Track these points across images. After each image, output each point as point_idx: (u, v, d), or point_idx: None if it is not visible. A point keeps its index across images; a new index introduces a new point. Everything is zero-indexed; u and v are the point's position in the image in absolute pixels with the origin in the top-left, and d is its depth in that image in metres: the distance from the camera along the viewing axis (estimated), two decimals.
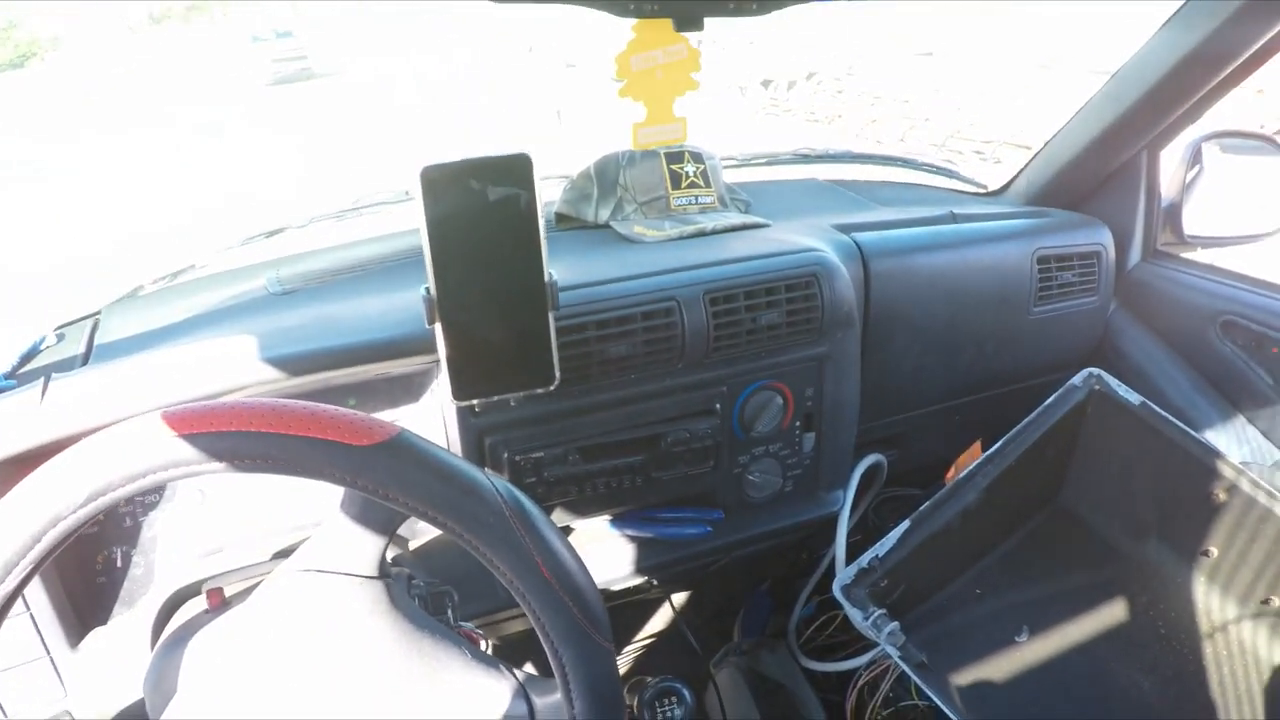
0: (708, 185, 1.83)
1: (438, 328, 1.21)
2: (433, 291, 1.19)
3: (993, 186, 2.33)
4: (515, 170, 1.16)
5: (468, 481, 0.88)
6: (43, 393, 1.30)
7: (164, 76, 31.58)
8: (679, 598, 2.34)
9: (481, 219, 1.17)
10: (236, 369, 1.34)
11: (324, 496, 1.46)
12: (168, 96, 27.32)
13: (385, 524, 1.00)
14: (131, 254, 8.91)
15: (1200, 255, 2.13)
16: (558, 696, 0.95)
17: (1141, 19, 1.83)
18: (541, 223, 1.19)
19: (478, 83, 21.64)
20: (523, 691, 1.01)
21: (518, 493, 0.91)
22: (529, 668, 1.05)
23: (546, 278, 1.22)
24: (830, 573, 1.79)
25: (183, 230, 9.93)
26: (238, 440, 0.81)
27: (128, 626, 1.41)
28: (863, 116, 13.65)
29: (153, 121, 21.94)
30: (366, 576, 1.00)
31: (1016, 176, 2.24)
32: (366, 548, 1.00)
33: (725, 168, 1.95)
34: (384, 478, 0.84)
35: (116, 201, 13.14)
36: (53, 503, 0.79)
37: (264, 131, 18.40)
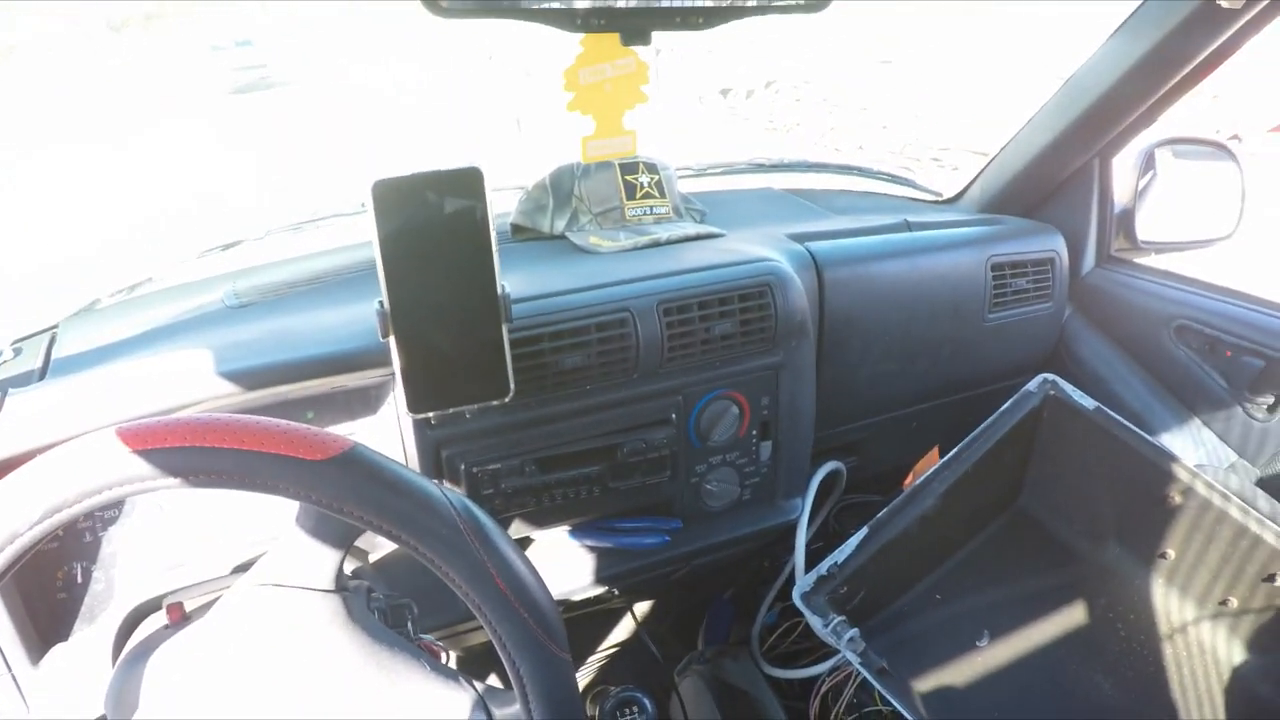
0: (662, 196, 1.83)
1: (392, 340, 1.21)
2: (386, 305, 1.19)
3: (948, 194, 2.34)
4: (467, 183, 1.16)
5: (421, 494, 0.88)
6: None
7: (123, 84, 31.40)
8: (641, 607, 2.34)
9: (434, 232, 1.17)
10: (194, 383, 1.34)
11: (283, 510, 1.45)
12: (125, 104, 27.18)
13: (341, 538, 0.99)
14: (79, 266, 8.85)
15: (1154, 260, 2.15)
16: (517, 708, 0.95)
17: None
18: (494, 235, 1.19)
19: (440, 89, 21.62)
20: (482, 703, 1.01)
21: (471, 505, 0.91)
22: (492, 679, 1.06)
23: (499, 290, 1.23)
24: (792, 580, 1.80)
25: (133, 241, 9.88)
26: (192, 455, 0.81)
27: (89, 642, 1.40)
28: (821, 125, 13.68)
29: (109, 129, 21.81)
30: (323, 590, 1.00)
31: (970, 184, 2.26)
32: (323, 561, 1.00)
33: (681, 177, 1.95)
34: (338, 491, 0.84)
35: (70, 211, 13.05)
36: (9, 520, 0.79)
37: (223, 139, 18.31)
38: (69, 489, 0.80)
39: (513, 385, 1.30)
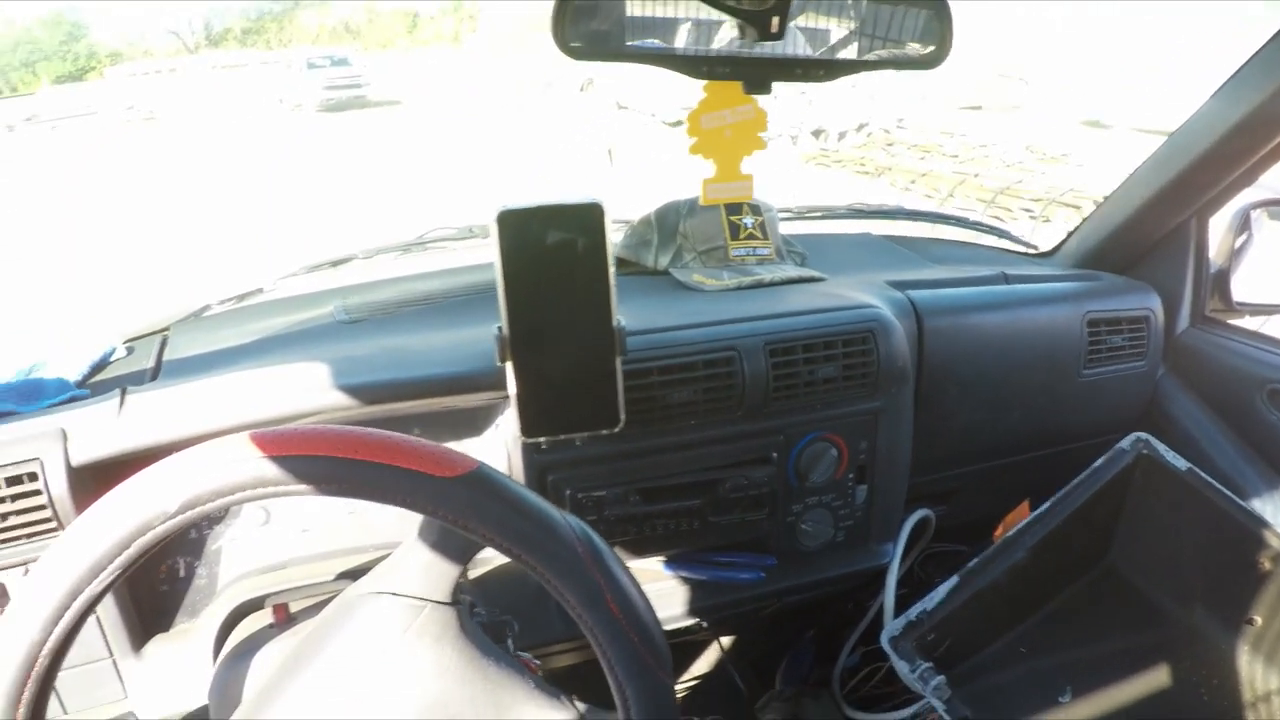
0: (765, 237, 1.88)
1: (509, 366, 1.24)
2: (505, 330, 1.22)
3: (1043, 247, 2.36)
4: (588, 217, 1.20)
5: (543, 517, 0.93)
6: (120, 404, 1.37)
7: (217, 96, 31.94)
8: (722, 641, 2.35)
9: (554, 262, 1.21)
10: (310, 394, 1.41)
11: (387, 521, 1.56)
12: (219, 117, 27.65)
13: (461, 553, 1.05)
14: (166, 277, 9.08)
15: (1248, 322, 2.14)
16: None
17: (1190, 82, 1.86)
18: (612, 269, 1.23)
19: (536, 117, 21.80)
20: None
21: (590, 530, 0.98)
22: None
23: (615, 323, 1.26)
24: (875, 624, 1.82)
25: (216, 254, 10.10)
26: (327, 465, 0.87)
27: (189, 635, 1.48)
28: (912, 170, 13.61)
29: (201, 142, 22.21)
30: (440, 602, 1.05)
31: (1067, 239, 2.28)
32: (442, 575, 1.05)
33: (781, 219, 2.00)
34: (464, 508, 0.90)
35: (158, 218, 13.33)
36: (145, 510, 0.84)
37: (309, 157, 18.54)
38: (206, 486, 0.85)
39: (623, 416, 1.32)
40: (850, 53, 1.22)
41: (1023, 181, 12.01)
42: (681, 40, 1.17)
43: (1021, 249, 2.42)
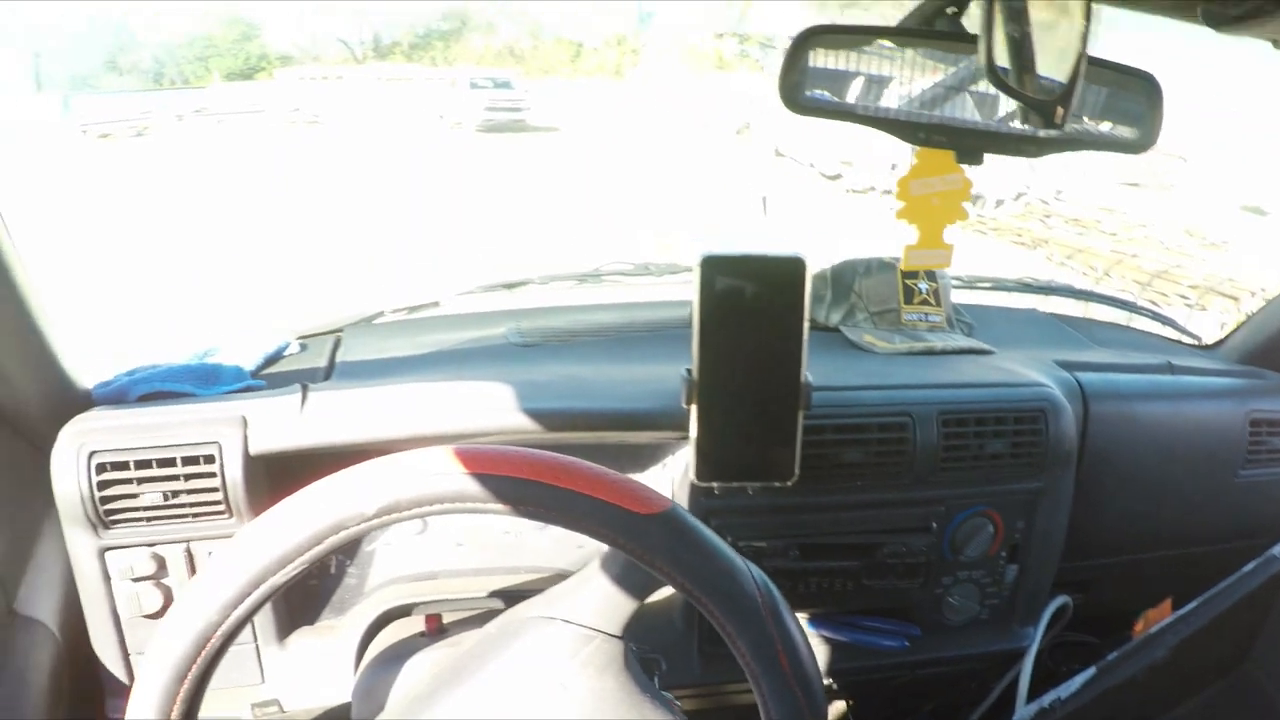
0: (938, 304, 1.89)
1: (693, 409, 1.23)
2: (695, 374, 1.21)
3: (1206, 338, 2.32)
4: (790, 270, 1.19)
5: (727, 564, 0.95)
6: (303, 399, 1.42)
7: (380, 106, 32.48)
8: (839, 705, 2.34)
9: (751, 311, 1.20)
10: (491, 414, 1.44)
11: (541, 544, 1.58)
12: (381, 126, 28.10)
13: (640, 589, 1.07)
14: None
15: None
16: None
17: None
18: (806, 324, 1.22)
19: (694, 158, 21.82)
20: None
21: (770, 582, 0.99)
22: None
23: (803, 379, 1.25)
24: (999, 706, 1.79)
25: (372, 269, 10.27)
26: (526, 487, 0.89)
27: (335, 631, 1.52)
28: (1068, 245, 13.39)
29: (362, 150, 22.61)
30: (611, 635, 1.07)
31: (1234, 332, 2.24)
32: (618, 608, 1.07)
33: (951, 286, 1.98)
34: (654, 546, 0.92)
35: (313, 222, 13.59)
36: (343, 509, 0.88)
37: (467, 174, 18.77)
38: (406, 494, 0.88)
39: (798, 470, 1.30)
40: (1062, 132, 1.22)
41: (1181, 266, 11.75)
42: (902, 105, 1.18)
43: (1186, 339, 2.39)
